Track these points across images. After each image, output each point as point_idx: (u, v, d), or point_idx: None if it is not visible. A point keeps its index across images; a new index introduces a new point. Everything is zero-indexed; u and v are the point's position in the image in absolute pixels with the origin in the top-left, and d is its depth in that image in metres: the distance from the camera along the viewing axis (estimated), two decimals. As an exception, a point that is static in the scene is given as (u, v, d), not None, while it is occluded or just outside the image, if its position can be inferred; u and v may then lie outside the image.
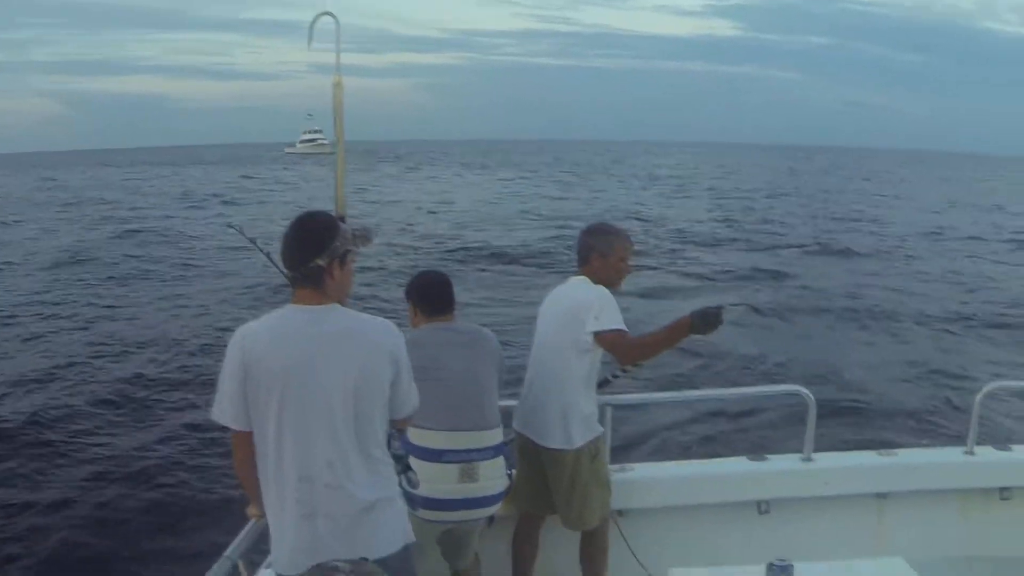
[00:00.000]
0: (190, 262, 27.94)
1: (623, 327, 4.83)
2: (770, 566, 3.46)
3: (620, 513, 5.39)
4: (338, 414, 3.46)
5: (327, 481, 3.45)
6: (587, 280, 5.04)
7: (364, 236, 3.75)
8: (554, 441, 4.96)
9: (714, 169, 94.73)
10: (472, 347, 4.74)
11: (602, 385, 5.29)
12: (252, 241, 5.91)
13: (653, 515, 5.55)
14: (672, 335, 4.84)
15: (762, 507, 5.65)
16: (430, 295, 4.82)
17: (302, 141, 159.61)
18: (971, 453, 5.88)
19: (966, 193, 64.39)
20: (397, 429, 4.04)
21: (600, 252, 5.05)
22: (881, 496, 5.76)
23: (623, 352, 4.90)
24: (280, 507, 3.50)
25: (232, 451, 3.64)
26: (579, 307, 4.88)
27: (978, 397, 5.77)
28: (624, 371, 5.31)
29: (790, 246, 32.26)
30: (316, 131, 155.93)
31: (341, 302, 3.65)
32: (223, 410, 3.52)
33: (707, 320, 4.72)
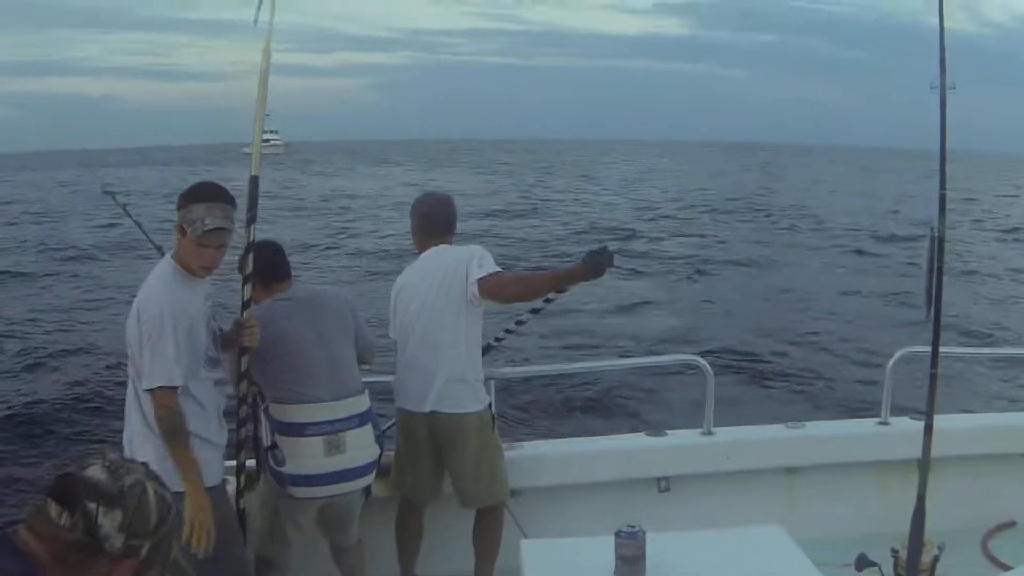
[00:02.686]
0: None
1: (500, 269, 4.73)
2: (618, 532, 3.25)
3: (512, 493, 5.11)
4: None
5: None
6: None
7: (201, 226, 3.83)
8: (452, 405, 4.77)
9: (649, 170, 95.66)
10: (317, 312, 4.57)
11: (488, 351, 5.13)
12: (123, 208, 6.15)
13: (545, 494, 5.31)
14: (561, 279, 4.75)
15: (662, 484, 5.41)
16: (264, 263, 4.53)
17: None
18: (886, 423, 5.67)
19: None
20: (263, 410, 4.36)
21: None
22: (791, 471, 5.55)
23: (503, 287, 4.73)
24: None
25: None
26: (458, 261, 4.77)
27: (889, 364, 5.56)
28: (508, 331, 5.30)
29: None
30: (271, 131, 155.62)
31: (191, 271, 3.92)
32: None
33: (598, 265, 4.56)
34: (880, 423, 5.68)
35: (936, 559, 3.54)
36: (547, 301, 5.11)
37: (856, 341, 15.39)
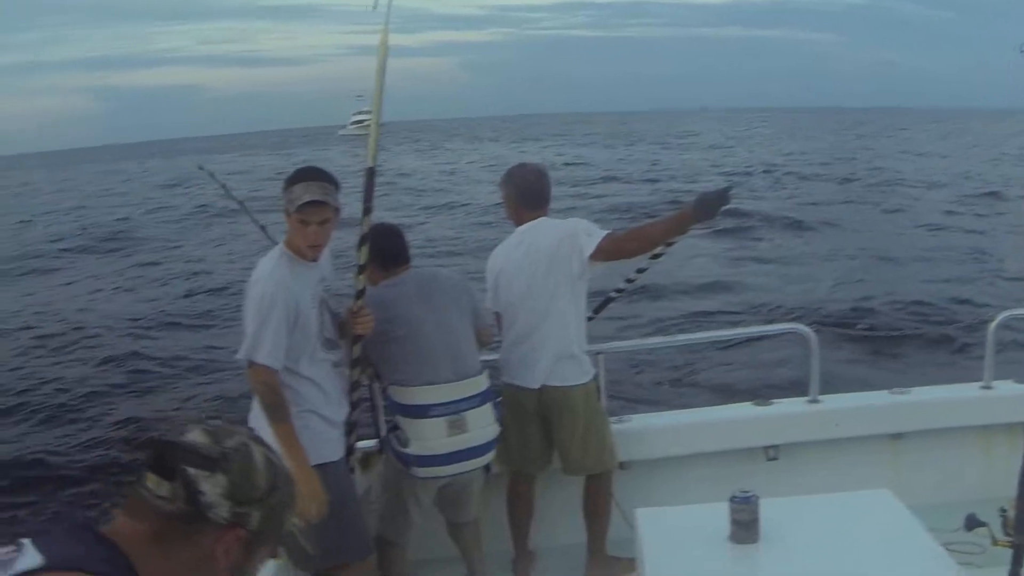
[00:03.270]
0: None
1: (607, 231, 4.77)
2: (732, 498, 3.33)
3: (621, 466, 5.22)
4: None
5: None
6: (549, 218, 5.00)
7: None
8: (561, 379, 4.86)
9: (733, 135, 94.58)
10: (436, 294, 4.61)
11: (601, 309, 5.31)
12: (223, 186, 6.35)
13: (654, 466, 5.39)
14: (674, 223, 4.69)
15: (770, 453, 5.46)
16: (386, 247, 4.62)
17: (352, 123, 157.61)
18: (989, 388, 5.62)
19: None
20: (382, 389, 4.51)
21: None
22: (896, 437, 5.54)
23: (622, 246, 4.76)
24: None
25: None
26: (563, 236, 4.79)
27: (991, 327, 5.52)
28: (628, 282, 5.37)
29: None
30: (365, 112, 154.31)
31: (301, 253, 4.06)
32: None
33: (709, 204, 4.55)
34: (983, 387, 5.63)
35: None
36: (655, 257, 5.14)
37: (956, 304, 15.19)
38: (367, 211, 4.29)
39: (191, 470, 1.73)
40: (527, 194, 5.01)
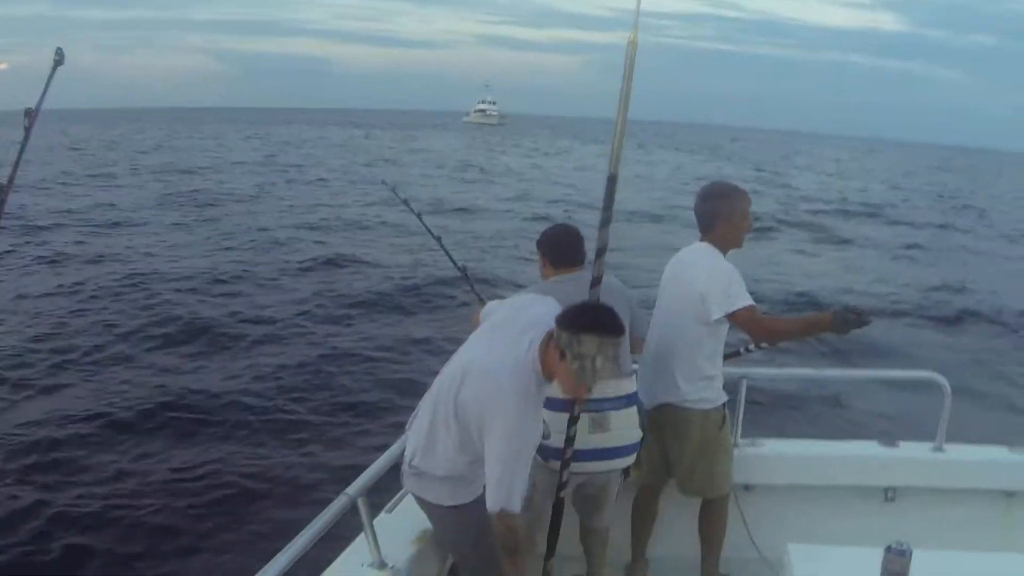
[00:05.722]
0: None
1: (751, 302, 4.67)
2: (888, 548, 3.40)
3: (746, 488, 5.36)
4: None
5: None
6: (711, 248, 4.86)
7: None
8: (680, 397, 4.87)
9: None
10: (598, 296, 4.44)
11: (732, 356, 5.23)
12: (405, 203, 6.31)
13: (776, 492, 5.49)
14: (809, 327, 4.88)
15: (888, 494, 5.53)
16: (560, 246, 4.67)
17: (475, 111, 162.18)
18: None
19: None
20: None
21: (724, 216, 4.84)
22: (1009, 494, 5.55)
23: (756, 331, 4.77)
24: None
25: None
26: (705, 287, 4.71)
27: None
28: (758, 347, 5.19)
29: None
30: (490, 102, 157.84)
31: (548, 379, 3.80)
32: None
33: (848, 321, 4.56)
34: None
35: None
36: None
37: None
38: (606, 221, 4.08)
39: None
40: (696, 215, 4.97)
